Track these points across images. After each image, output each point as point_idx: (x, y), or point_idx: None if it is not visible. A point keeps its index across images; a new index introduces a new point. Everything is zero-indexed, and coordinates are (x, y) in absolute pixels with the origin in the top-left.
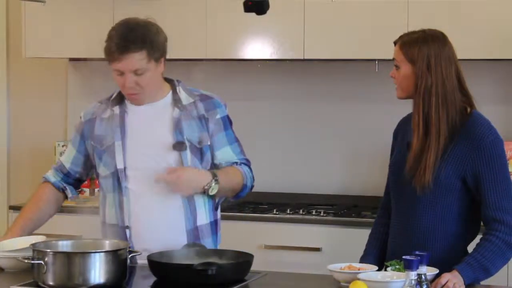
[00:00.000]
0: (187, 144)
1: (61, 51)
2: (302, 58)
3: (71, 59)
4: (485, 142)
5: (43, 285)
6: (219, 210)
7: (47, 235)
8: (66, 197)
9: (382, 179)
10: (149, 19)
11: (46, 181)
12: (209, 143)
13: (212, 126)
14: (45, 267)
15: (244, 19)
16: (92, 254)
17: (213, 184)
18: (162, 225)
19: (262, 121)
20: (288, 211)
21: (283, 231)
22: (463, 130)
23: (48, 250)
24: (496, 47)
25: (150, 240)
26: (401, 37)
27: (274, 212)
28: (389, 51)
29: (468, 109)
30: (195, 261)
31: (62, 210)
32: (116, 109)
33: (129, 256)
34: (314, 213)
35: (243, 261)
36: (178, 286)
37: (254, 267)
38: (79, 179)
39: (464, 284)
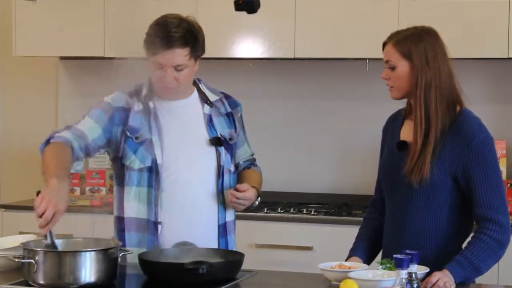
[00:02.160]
0: (222, 139)
1: (51, 49)
2: (293, 57)
3: (62, 58)
4: (476, 141)
5: (33, 284)
6: None
7: (38, 234)
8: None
9: (373, 178)
10: (190, 16)
11: (65, 142)
12: (236, 141)
13: (237, 124)
14: (35, 266)
15: (235, 18)
16: (83, 253)
17: (258, 200)
18: (196, 221)
19: (252, 120)
20: (279, 210)
21: (274, 230)
22: (454, 128)
23: (39, 249)
24: (487, 46)
25: (183, 236)
26: (392, 36)
27: (265, 211)
28: (380, 50)
29: (458, 107)
30: (186, 260)
31: None
32: (151, 104)
33: (120, 255)
34: (305, 212)
35: (233, 260)
36: (169, 285)
37: (245, 266)
38: (89, 155)
39: (455, 283)
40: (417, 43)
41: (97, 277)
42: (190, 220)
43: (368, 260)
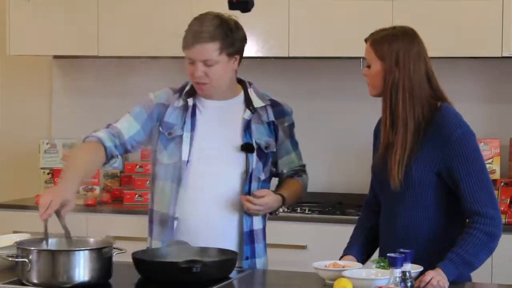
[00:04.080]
0: (255, 147)
1: (45, 48)
2: (287, 56)
3: (56, 57)
4: (454, 136)
5: (27, 283)
6: (266, 216)
7: (31, 233)
8: (106, 163)
9: (367, 177)
10: (232, 16)
11: (98, 141)
12: (274, 150)
13: (281, 134)
14: (29, 265)
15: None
16: (77, 252)
17: (282, 208)
18: (215, 223)
19: None
20: None
21: (268, 229)
22: (432, 125)
23: (32, 248)
24: (480, 45)
25: (199, 235)
26: (371, 34)
27: None
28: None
29: (438, 104)
30: (180, 259)
31: None
32: (190, 101)
33: (114, 254)
34: (299, 210)
35: (227, 258)
36: (163, 284)
37: (239, 264)
38: (128, 152)
39: (448, 280)
40: (391, 44)
41: (91, 276)
42: (208, 221)
43: (362, 259)
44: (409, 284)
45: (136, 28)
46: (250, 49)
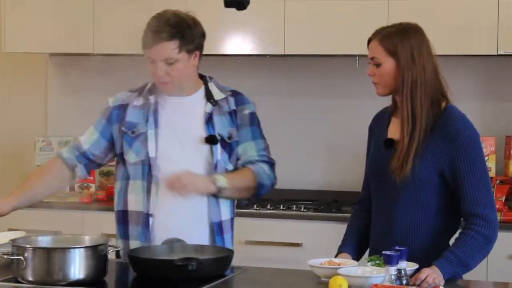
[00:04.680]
0: (218, 138)
1: (41, 46)
2: (282, 53)
3: (51, 54)
4: (462, 137)
5: (22, 281)
6: (234, 208)
7: (27, 231)
8: (73, 177)
9: (362, 175)
10: (189, 12)
11: (58, 156)
12: (237, 139)
13: (239, 121)
14: (24, 262)
15: (224, 15)
16: (72, 250)
17: (218, 177)
18: (186, 216)
19: None
20: (269, 207)
21: (263, 227)
22: (439, 124)
23: (28, 246)
24: (476, 43)
25: (173, 230)
26: (377, 32)
27: (255, 207)
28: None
29: (443, 103)
30: (175, 256)
31: (41, 205)
32: (152, 98)
33: (109, 251)
34: (294, 208)
35: (223, 256)
36: (158, 281)
37: (234, 262)
38: (94, 162)
39: (444, 279)
40: (403, 40)
41: (86, 274)
42: (180, 214)
43: (357, 257)
44: (404, 281)
45: (132, 26)
46: (246, 47)
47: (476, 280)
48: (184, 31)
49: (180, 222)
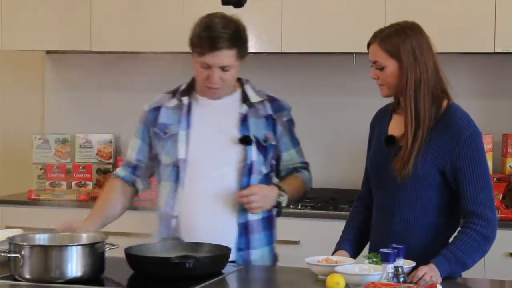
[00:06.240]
0: (253, 140)
1: (37, 43)
2: (279, 51)
3: (48, 52)
4: (464, 135)
5: (19, 279)
6: None
7: (24, 228)
8: (137, 191)
9: (360, 172)
10: (234, 16)
11: (116, 177)
12: (274, 143)
13: (279, 128)
14: (21, 260)
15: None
16: (69, 247)
17: (283, 195)
18: (215, 218)
19: None
20: None
21: None
22: (442, 122)
23: (25, 244)
24: (473, 41)
25: (200, 231)
26: (376, 35)
27: None
28: (366, 44)
29: (445, 101)
30: (173, 254)
31: (38, 203)
32: (185, 100)
33: (107, 249)
34: (292, 206)
35: (220, 254)
36: (155, 279)
37: (231, 258)
38: (147, 169)
39: (441, 277)
40: (404, 40)
41: (84, 272)
42: (208, 216)
43: (354, 254)
44: (401, 279)
45: (129, 23)
46: None
47: (473, 278)
48: (242, 38)
49: (207, 224)
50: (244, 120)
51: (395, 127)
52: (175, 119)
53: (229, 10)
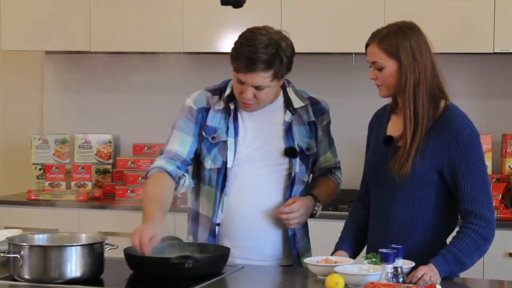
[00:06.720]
0: (298, 150)
1: (37, 43)
2: None
3: (47, 52)
4: (462, 135)
5: (19, 279)
6: None
7: (23, 229)
8: (176, 188)
9: (359, 172)
10: (282, 31)
11: (161, 170)
12: (315, 151)
13: (320, 133)
14: (21, 260)
15: (220, 13)
16: (68, 248)
17: (318, 206)
18: (258, 229)
19: None
20: None
21: None
22: (440, 122)
23: (24, 244)
24: (472, 41)
25: (242, 240)
26: (374, 36)
27: None
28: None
29: (443, 101)
30: (172, 254)
31: (37, 203)
32: (232, 105)
33: (106, 249)
34: None
35: (219, 254)
36: (155, 279)
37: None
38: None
39: (440, 277)
40: (402, 40)
41: (83, 272)
42: (251, 226)
43: (354, 255)
44: (401, 279)
45: (128, 24)
46: None
47: (472, 278)
48: (281, 60)
49: (250, 234)
50: (288, 129)
51: (393, 127)
52: (223, 124)
53: (228, 10)
